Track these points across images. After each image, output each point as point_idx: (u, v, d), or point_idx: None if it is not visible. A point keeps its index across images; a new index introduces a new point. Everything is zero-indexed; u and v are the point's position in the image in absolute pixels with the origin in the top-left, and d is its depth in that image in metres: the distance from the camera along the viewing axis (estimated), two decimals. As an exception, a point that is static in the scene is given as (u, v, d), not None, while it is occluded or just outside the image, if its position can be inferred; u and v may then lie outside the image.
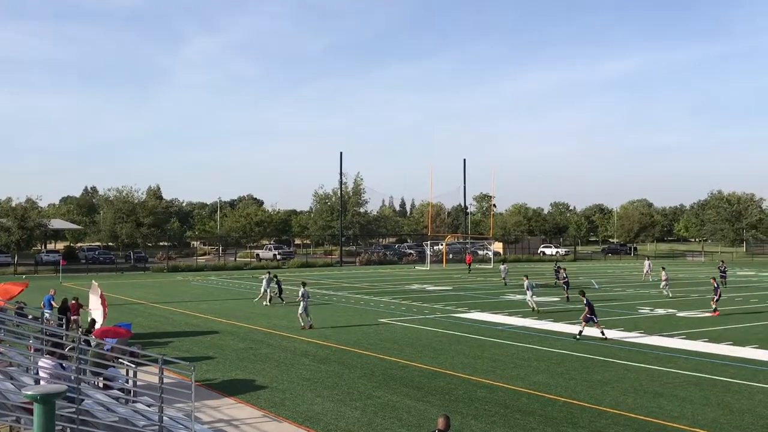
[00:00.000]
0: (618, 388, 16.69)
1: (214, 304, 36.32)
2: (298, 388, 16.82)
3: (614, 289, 44.32)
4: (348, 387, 16.90)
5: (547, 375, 18.22)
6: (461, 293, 41.36)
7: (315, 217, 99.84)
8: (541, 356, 20.91)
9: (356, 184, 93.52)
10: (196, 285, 49.94)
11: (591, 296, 39.30)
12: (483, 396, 15.96)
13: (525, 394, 16.15)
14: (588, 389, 16.62)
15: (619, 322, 28.48)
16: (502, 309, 32.22)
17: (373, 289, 44.60)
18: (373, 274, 61.18)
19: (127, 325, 22.03)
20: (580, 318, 25.61)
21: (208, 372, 18.81)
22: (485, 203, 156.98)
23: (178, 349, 22.43)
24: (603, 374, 18.31)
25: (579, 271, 64.56)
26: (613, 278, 55.25)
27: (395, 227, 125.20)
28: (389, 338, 24.43)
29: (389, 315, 30.94)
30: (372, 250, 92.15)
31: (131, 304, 36.16)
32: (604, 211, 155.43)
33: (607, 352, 21.56)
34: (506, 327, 27.15)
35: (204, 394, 15.96)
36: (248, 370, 19.10)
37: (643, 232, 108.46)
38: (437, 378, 17.89)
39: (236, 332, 26.09)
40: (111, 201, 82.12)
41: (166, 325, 28.51)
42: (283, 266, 73.45)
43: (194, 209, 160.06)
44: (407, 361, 20.11)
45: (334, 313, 31.64)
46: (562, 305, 34.49)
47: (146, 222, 78.45)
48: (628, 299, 37.79)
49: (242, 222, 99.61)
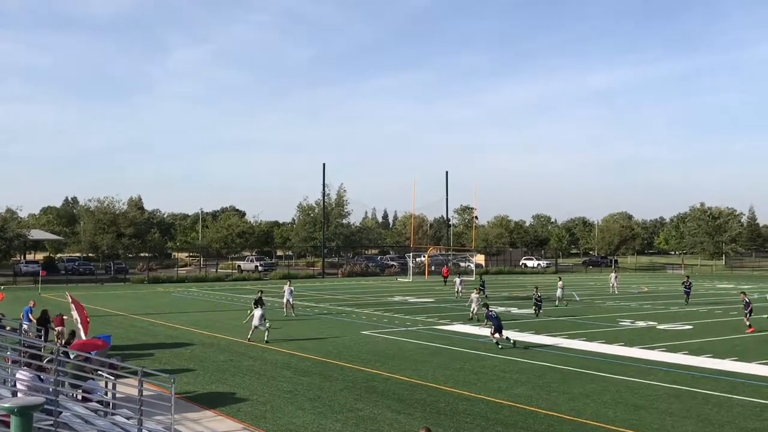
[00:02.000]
0: (598, 401, 16.75)
1: (195, 315, 36.09)
2: (279, 400, 16.74)
3: (595, 302, 44.54)
4: (329, 399, 16.83)
5: (528, 387, 18.25)
6: (443, 305, 41.39)
7: (297, 228, 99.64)
8: (522, 368, 20.94)
9: (339, 196, 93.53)
10: (177, 296, 49.61)
11: (572, 309, 39.62)
12: (464, 408, 15.95)
13: (506, 406, 16.16)
14: (569, 401, 16.66)
15: (600, 334, 28.60)
16: (484, 321, 32.21)
17: (355, 301, 44.53)
18: (356, 286, 61.09)
19: (107, 337, 21.89)
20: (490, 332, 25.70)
21: (188, 384, 18.66)
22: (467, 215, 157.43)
23: (157, 361, 22.25)
24: (584, 386, 18.36)
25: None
26: (594, 290, 55.54)
27: (378, 239, 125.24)
28: (371, 350, 24.38)
29: (371, 327, 30.89)
30: (354, 261, 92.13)
31: (111, 316, 35.85)
32: (586, 223, 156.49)
33: (588, 364, 21.64)
34: (488, 339, 27.15)
35: (184, 407, 15.83)
36: (229, 382, 18.98)
37: (624, 245, 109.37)
38: (419, 390, 17.87)
39: (217, 344, 25.92)
40: (92, 211, 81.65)
41: (146, 336, 28.29)
42: (264, 278, 73.15)
43: (176, 220, 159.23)
44: (389, 374, 20.08)
45: (316, 325, 31.53)
46: (543, 318, 34.59)
47: (127, 233, 78.06)
48: (609, 311, 37.98)
49: (224, 233, 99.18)
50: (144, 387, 12.03)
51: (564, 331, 29.28)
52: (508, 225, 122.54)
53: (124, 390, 14.71)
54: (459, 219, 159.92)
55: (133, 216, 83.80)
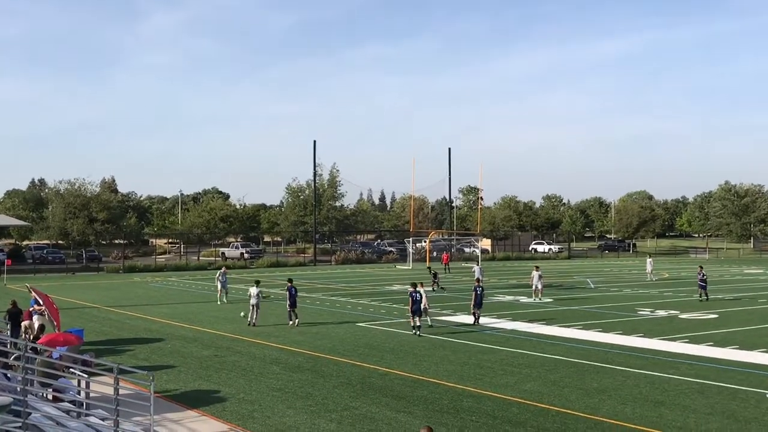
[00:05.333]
0: (616, 397, 16.82)
1: (176, 307, 36.15)
2: (268, 399, 16.79)
3: (611, 289, 44.65)
4: (323, 397, 16.89)
5: (540, 383, 18.32)
6: (446, 294, 41.49)
7: (286, 212, 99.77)
8: (532, 362, 21.02)
9: (332, 176, 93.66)
10: (156, 287, 49.68)
11: (587, 296, 39.69)
12: (469, 406, 16.02)
13: (515, 403, 16.23)
14: (583, 398, 16.73)
15: (617, 324, 28.68)
16: (491, 311, 32.34)
17: (350, 291, 44.61)
18: (351, 274, 61.20)
19: (79, 331, 21.94)
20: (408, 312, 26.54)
21: (169, 382, 18.72)
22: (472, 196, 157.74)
23: (135, 357, 22.30)
24: (600, 381, 18.44)
25: (573, 270, 65.04)
26: (610, 277, 55.68)
27: (374, 223, 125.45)
28: (368, 344, 24.45)
29: (368, 318, 30.96)
30: (349, 247, 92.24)
31: (83, 308, 35.90)
32: (602, 204, 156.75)
33: (605, 357, 21.72)
34: (495, 331, 27.25)
35: (164, 407, 15.88)
36: (213, 379, 19.03)
37: (643, 227, 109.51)
38: (420, 387, 17.93)
39: (200, 338, 25.98)
40: (61, 194, 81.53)
41: (122, 330, 28.34)
42: (251, 266, 73.25)
43: (153, 203, 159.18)
44: (387, 369, 20.14)
45: (308, 317, 31.59)
46: (555, 307, 34.69)
47: (100, 217, 77.99)
48: (627, 300, 38.09)
49: (206, 217, 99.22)
50: (120, 385, 12.07)
51: (578, 322, 29.35)
52: (516, 207, 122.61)
53: (98, 389, 14.76)
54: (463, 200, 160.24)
55: (106, 199, 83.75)
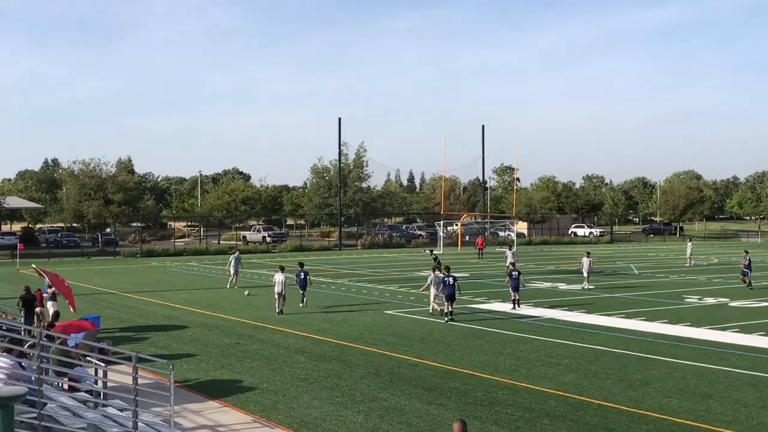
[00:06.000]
0: (661, 389, 16.72)
1: (195, 293, 36.44)
2: (293, 389, 16.90)
3: (656, 276, 44.31)
4: (349, 388, 16.97)
5: (579, 374, 18.27)
6: (480, 281, 41.41)
7: (310, 193, 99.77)
8: (572, 353, 20.95)
9: (358, 156, 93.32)
10: (174, 272, 50.09)
11: (631, 282, 39.41)
12: (505, 398, 16.01)
13: (553, 396, 16.20)
14: (626, 390, 16.66)
15: (662, 313, 28.48)
16: (528, 299, 32.22)
17: (377, 276, 44.67)
18: (378, 260, 61.27)
19: (95, 318, 22.16)
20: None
21: (189, 371, 18.90)
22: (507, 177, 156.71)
23: (154, 345, 22.54)
24: (644, 373, 18.34)
25: (616, 255, 64.58)
26: (655, 263, 55.24)
27: (403, 205, 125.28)
28: (396, 332, 24.51)
29: (396, 306, 31.01)
30: (376, 231, 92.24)
31: (99, 294, 36.31)
32: (646, 185, 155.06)
33: (649, 347, 21.59)
34: (532, 319, 27.18)
35: (184, 397, 16.05)
36: (235, 368, 19.19)
37: (691, 210, 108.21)
38: (452, 378, 17.95)
39: (221, 326, 26.18)
40: (75, 175, 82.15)
41: (139, 317, 28.63)
42: (273, 250, 73.57)
43: (171, 185, 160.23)
44: (417, 359, 20.18)
45: (333, 305, 31.70)
46: (596, 294, 34.49)
47: (116, 199, 78.53)
48: (673, 287, 37.80)
49: (226, 199, 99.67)
50: (139, 374, 12.18)
51: (621, 310, 29.19)
52: (554, 188, 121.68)
53: (116, 378, 14.92)
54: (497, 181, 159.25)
55: (122, 180, 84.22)
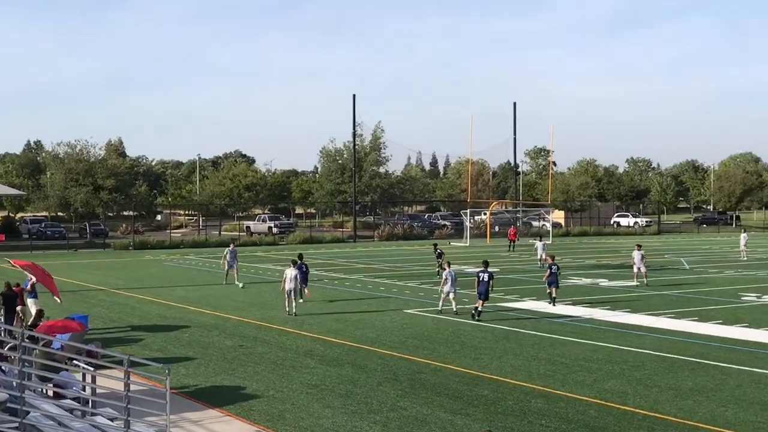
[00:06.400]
0: (714, 398, 16.64)
1: (194, 290, 36.58)
2: (302, 397, 16.94)
3: (709, 271, 44.07)
4: (365, 396, 16.99)
5: (623, 381, 18.20)
6: (511, 276, 41.33)
7: (321, 179, 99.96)
8: (614, 357, 20.88)
9: (375, 137, 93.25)
10: (171, 266, 50.30)
11: (681, 278, 39.20)
12: (539, 408, 15.98)
13: (593, 405, 16.15)
14: (675, 399, 16.59)
15: (716, 312, 28.33)
16: (565, 297, 32.14)
17: (396, 272, 44.67)
18: (397, 253, 61.27)
19: (83, 318, 22.27)
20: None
21: (187, 377, 18.98)
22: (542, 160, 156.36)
23: (148, 348, 22.63)
24: (695, 380, 18.26)
25: (664, 248, 64.27)
26: (708, 256, 54.92)
27: (425, 192, 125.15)
28: (418, 334, 24.51)
29: (417, 304, 31.01)
30: (395, 221, 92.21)
31: (87, 291, 36.51)
32: (698, 169, 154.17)
33: (701, 351, 21.48)
34: (569, 320, 27.11)
35: (182, 405, 16.11)
36: (238, 374, 19.25)
37: (748, 197, 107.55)
38: (480, 384, 17.94)
39: (222, 326, 26.27)
40: (61, 159, 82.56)
41: (132, 317, 28.77)
42: (280, 242, 73.72)
43: (166, 169, 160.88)
44: (441, 363, 20.18)
45: (347, 303, 31.73)
46: (642, 292, 34.35)
47: (106, 186, 78.84)
48: (728, 283, 37.58)
49: (228, 185, 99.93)
50: (131, 380, 12.24)
51: (669, 309, 29.07)
52: (595, 172, 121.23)
53: (106, 384, 14.99)
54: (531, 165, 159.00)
55: (113, 164, 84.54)
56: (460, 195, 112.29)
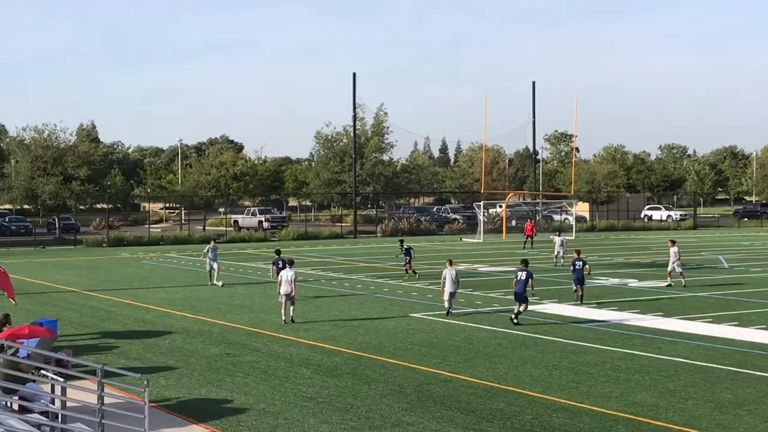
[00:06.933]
0: (757, 412, 16.64)
1: (176, 292, 36.61)
2: (296, 410, 16.95)
3: (751, 270, 44.04)
4: (366, 409, 17.01)
5: (655, 393, 18.21)
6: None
7: (318, 167, 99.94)
8: (644, 366, 20.88)
9: (378, 120, 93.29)
10: (149, 265, 50.35)
11: (720, 278, 39.21)
12: (561, 422, 16.00)
13: (621, 419, 16.16)
14: (713, 413, 16.58)
15: (759, 316, 28.31)
16: (590, 299, 32.13)
17: (401, 271, 44.70)
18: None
19: (52, 323, 22.29)
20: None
21: (168, 388, 19.00)
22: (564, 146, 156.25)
23: (124, 356, 22.66)
24: (735, 392, 18.25)
25: (700, 244, 64.22)
26: (750, 254, 54.90)
27: (433, 182, 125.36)
28: (425, 340, 24.52)
29: (425, 308, 31.02)
30: (400, 214, 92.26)
31: (57, 292, 36.55)
32: (738, 156, 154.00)
33: (742, 360, 21.48)
34: (595, 324, 27.10)
35: (162, 419, 16.12)
36: (225, 385, 19.27)
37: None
38: (495, 397, 17.95)
39: (207, 332, 26.30)
40: (26, 145, 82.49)
41: (106, 321, 28.81)
42: (272, 238, 73.74)
43: (144, 156, 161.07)
44: (451, 373, 20.20)
45: (348, 306, 31.75)
46: (674, 292, 34.35)
47: (78, 175, 78.85)
48: (773, 284, 37.61)
49: (214, 175, 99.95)
50: (106, 392, 12.26)
51: (706, 313, 29.06)
52: (623, 160, 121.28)
53: (77, 396, 15.01)
54: (551, 152, 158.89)
55: (85, 152, 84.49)
56: (473, 185, 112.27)
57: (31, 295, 33.77)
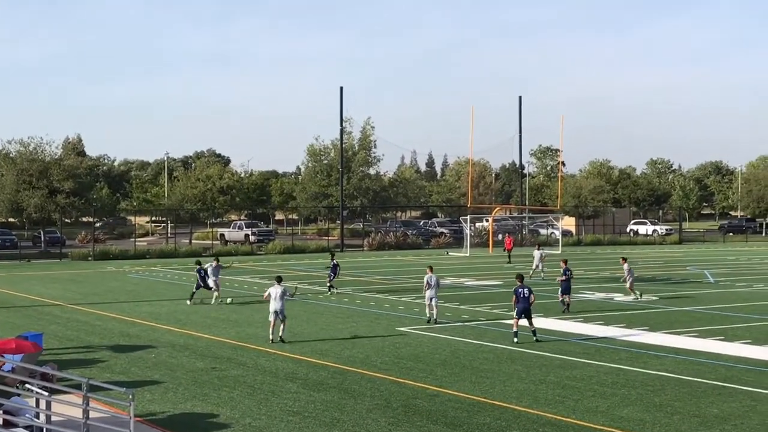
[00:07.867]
0: (742, 427, 16.66)
1: (161, 305, 36.50)
2: (282, 425, 16.90)
3: (736, 285, 44.16)
4: (353, 424, 16.97)
5: (641, 407, 18.22)
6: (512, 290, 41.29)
7: (305, 181, 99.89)
8: (631, 380, 20.91)
9: (364, 134, 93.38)
10: (135, 278, 50.20)
11: (705, 293, 39.27)
12: (547, 437, 15.99)
13: (608, 434, 16.17)
14: (699, 428, 16.60)
15: (744, 331, 28.39)
16: (576, 313, 32.19)
17: (388, 285, 44.67)
18: (389, 263, 61.27)
19: (37, 336, 22.19)
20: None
21: (153, 402, 18.92)
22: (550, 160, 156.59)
23: (109, 370, 22.58)
24: (720, 406, 18.28)
25: (686, 258, 64.40)
26: (735, 269, 55.06)
27: (420, 196, 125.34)
28: (412, 354, 24.50)
29: (412, 322, 31.01)
30: (387, 228, 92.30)
31: (42, 306, 36.39)
32: (723, 171, 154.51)
33: (727, 374, 21.51)
34: (581, 338, 27.14)
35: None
36: (210, 399, 19.20)
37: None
38: (481, 411, 17.93)
39: (193, 346, 26.22)
40: (11, 159, 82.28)
41: (92, 335, 28.70)
42: (259, 252, 73.63)
43: (130, 169, 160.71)
44: (438, 388, 20.18)
45: (334, 320, 31.71)
46: (662, 308, 34.42)
47: (64, 188, 78.63)
48: (758, 299, 37.68)
49: (200, 188, 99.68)
50: (91, 406, 12.20)
51: (691, 327, 29.14)
52: (609, 175, 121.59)
53: (62, 410, 14.94)
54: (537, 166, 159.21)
55: (70, 165, 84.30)
56: (460, 199, 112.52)
57: (16, 309, 33.63)
